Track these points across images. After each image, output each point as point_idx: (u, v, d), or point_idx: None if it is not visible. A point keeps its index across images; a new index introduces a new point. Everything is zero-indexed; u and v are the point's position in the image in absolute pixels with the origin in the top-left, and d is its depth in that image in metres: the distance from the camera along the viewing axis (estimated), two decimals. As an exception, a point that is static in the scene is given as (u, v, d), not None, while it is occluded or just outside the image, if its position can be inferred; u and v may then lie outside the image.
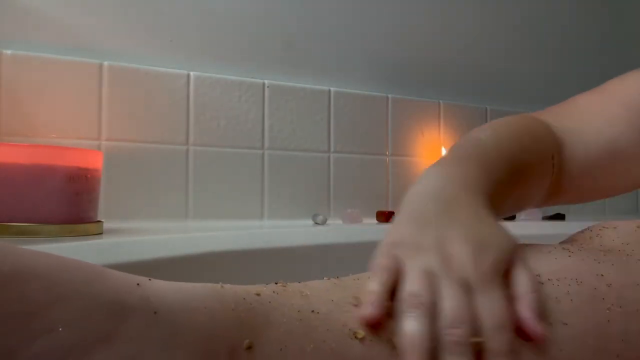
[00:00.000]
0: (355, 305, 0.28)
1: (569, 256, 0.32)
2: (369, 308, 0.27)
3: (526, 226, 1.05)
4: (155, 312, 0.23)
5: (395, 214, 0.91)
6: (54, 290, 0.22)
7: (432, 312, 0.26)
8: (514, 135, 0.45)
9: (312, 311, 0.27)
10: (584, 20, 1.43)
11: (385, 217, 0.99)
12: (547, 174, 0.47)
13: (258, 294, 0.27)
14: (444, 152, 1.17)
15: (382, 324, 0.27)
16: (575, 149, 0.50)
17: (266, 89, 1.00)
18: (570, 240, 0.38)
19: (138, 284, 0.24)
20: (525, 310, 0.27)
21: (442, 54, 1.22)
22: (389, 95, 1.14)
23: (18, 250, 0.23)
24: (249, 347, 0.25)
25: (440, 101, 1.20)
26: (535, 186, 0.46)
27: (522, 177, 0.42)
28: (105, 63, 0.87)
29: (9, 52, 0.81)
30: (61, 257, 0.24)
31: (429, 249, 0.29)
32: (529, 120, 0.51)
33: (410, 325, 0.26)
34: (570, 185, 0.50)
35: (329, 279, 0.32)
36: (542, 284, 0.29)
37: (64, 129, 0.84)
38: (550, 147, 0.48)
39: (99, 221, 0.68)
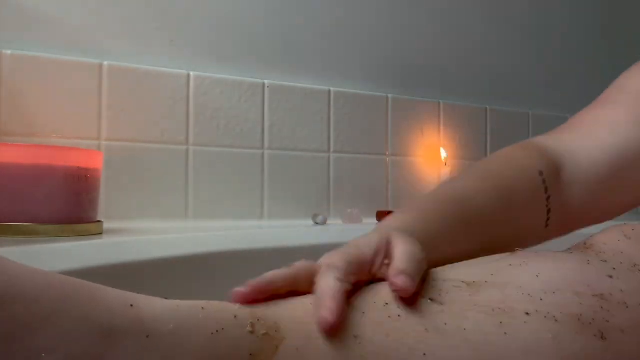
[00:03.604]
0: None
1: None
2: None
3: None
4: (147, 336, 0.22)
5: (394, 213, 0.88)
6: (40, 312, 0.21)
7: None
8: (480, 178, 0.45)
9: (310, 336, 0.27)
10: (584, 21, 1.43)
11: (385, 217, 0.98)
12: (536, 204, 0.45)
13: (256, 311, 0.27)
14: (443, 152, 1.17)
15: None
16: (579, 166, 0.47)
17: (266, 89, 1.00)
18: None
19: (132, 305, 0.23)
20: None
21: (442, 54, 1.22)
22: (389, 95, 1.14)
23: (7, 267, 0.22)
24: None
25: (440, 101, 1.20)
26: (521, 219, 0.44)
27: (482, 217, 0.42)
28: (105, 63, 0.87)
29: (9, 52, 0.81)
30: (53, 275, 0.23)
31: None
32: (511, 155, 0.48)
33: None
34: (579, 208, 0.47)
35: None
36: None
37: (64, 129, 0.84)
38: (534, 177, 0.45)
39: (99, 221, 0.68)
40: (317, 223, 0.92)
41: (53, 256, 0.51)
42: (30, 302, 0.21)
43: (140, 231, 0.72)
